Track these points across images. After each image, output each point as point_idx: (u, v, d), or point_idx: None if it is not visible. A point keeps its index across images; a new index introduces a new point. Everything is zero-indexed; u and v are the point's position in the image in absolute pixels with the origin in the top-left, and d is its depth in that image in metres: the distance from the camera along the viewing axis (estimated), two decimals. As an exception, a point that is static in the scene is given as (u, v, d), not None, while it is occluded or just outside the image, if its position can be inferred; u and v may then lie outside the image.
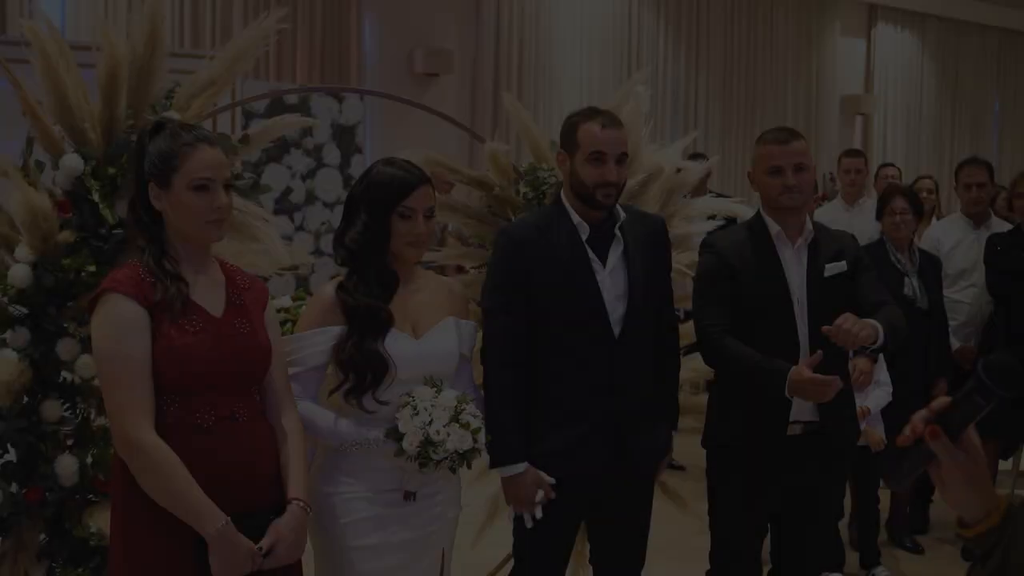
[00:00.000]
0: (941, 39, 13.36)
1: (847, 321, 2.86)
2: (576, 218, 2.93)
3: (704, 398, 3.89)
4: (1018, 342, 4.85)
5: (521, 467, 2.88)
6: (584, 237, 2.93)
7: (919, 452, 1.47)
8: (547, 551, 3.02)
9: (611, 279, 2.93)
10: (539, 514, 2.89)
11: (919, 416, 1.48)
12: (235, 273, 2.52)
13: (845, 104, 12.51)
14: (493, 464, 2.90)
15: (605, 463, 2.94)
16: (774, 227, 3.18)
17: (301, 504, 2.41)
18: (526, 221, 3.05)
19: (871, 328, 2.90)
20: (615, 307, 2.92)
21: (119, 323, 2.25)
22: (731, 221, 4.04)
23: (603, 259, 2.94)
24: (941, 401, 1.47)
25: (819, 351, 2.99)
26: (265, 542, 2.32)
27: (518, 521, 2.96)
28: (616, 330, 2.91)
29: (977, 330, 5.29)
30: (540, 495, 2.88)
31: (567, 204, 2.96)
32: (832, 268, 3.17)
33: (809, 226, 3.20)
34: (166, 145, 2.32)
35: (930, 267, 4.92)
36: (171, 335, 2.28)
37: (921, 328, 4.76)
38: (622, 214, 2.98)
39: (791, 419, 3.13)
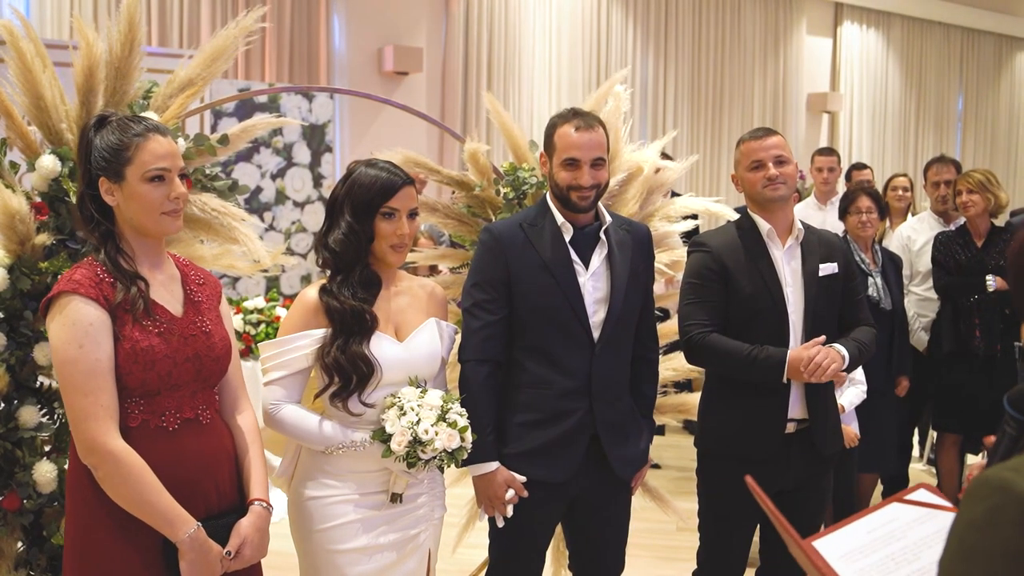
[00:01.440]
0: (906, 38, 13.49)
1: (819, 355, 3.02)
2: (560, 219, 2.92)
3: (682, 397, 3.91)
4: (965, 340, 4.92)
5: (492, 465, 2.87)
6: (567, 238, 2.92)
7: None
8: (522, 551, 3.00)
9: (592, 282, 2.91)
10: (509, 513, 2.88)
11: (976, 463, 1.53)
12: (188, 268, 2.46)
13: (811, 102, 12.60)
14: (463, 463, 2.88)
15: (582, 467, 2.92)
16: (764, 226, 3.19)
17: (263, 504, 2.39)
18: (511, 220, 3.03)
19: (838, 360, 3.05)
20: (595, 311, 2.91)
21: (81, 327, 2.16)
22: (694, 219, 4.07)
23: (586, 262, 2.92)
24: (988, 439, 1.55)
25: (822, 336, 3.08)
26: (232, 544, 2.29)
27: (492, 521, 2.95)
28: (595, 334, 2.90)
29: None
30: (511, 493, 2.86)
31: (551, 205, 2.95)
32: (826, 268, 3.20)
33: (799, 225, 3.22)
34: (116, 138, 2.26)
35: (892, 267, 4.97)
36: (135, 337, 2.22)
37: (886, 327, 4.82)
38: (608, 217, 2.98)
39: (787, 417, 3.16)
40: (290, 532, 2.69)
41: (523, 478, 2.88)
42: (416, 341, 2.68)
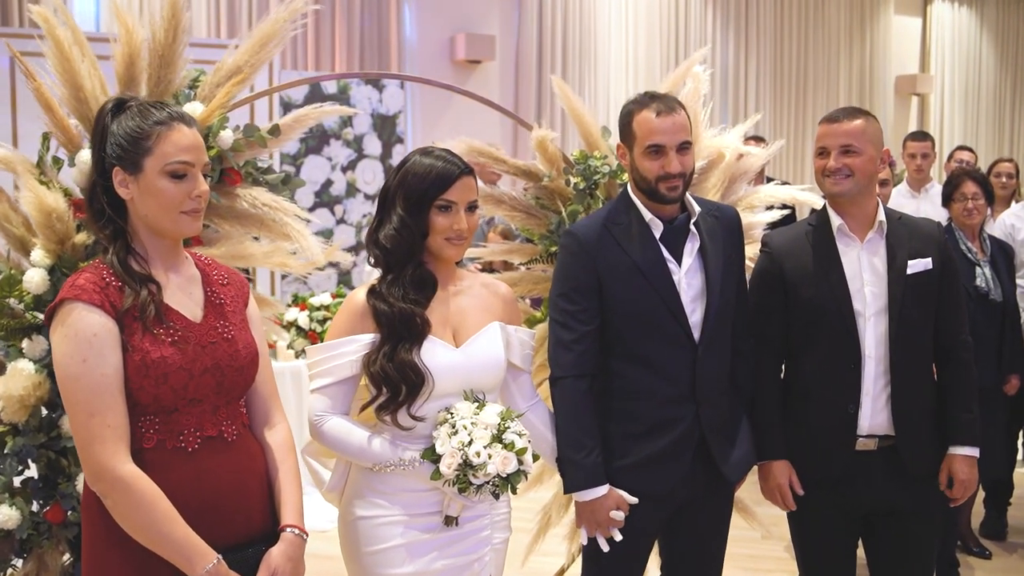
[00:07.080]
0: (1001, 15, 13.04)
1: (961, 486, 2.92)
2: (647, 214, 2.69)
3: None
4: None
5: (602, 490, 2.65)
6: (658, 235, 2.69)
7: None
8: (622, 567, 2.78)
9: (687, 279, 2.69)
10: (618, 537, 2.67)
11: None
12: (210, 267, 2.25)
13: (900, 85, 12.23)
14: (569, 488, 2.67)
15: (688, 477, 2.71)
16: (835, 220, 2.89)
17: (296, 532, 2.17)
18: (593, 219, 2.80)
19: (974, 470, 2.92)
20: (693, 309, 2.68)
21: (84, 338, 1.96)
22: (791, 210, 3.80)
23: (678, 258, 2.70)
24: None
25: None
26: None
27: (591, 544, 2.73)
28: (696, 334, 2.67)
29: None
30: (620, 515, 2.65)
31: (635, 199, 2.72)
32: (916, 265, 2.85)
33: (880, 216, 2.89)
34: (136, 124, 2.04)
35: (1002, 256, 4.67)
36: (145, 347, 2.01)
37: (995, 320, 4.51)
38: (697, 208, 2.74)
39: (863, 433, 2.85)
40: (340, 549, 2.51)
41: (634, 500, 2.67)
42: (475, 346, 2.45)
